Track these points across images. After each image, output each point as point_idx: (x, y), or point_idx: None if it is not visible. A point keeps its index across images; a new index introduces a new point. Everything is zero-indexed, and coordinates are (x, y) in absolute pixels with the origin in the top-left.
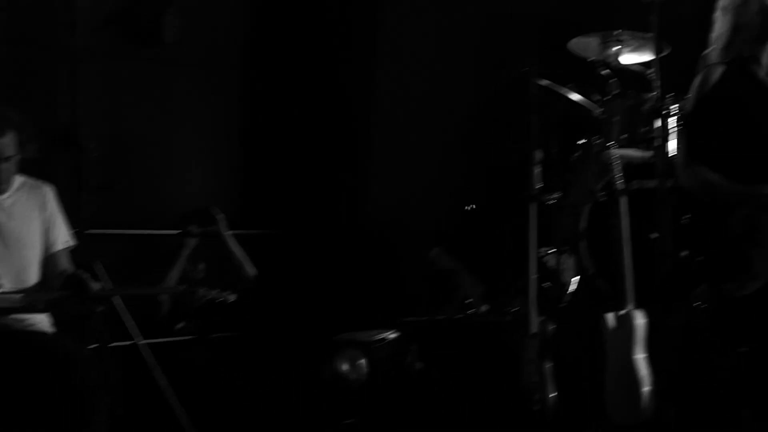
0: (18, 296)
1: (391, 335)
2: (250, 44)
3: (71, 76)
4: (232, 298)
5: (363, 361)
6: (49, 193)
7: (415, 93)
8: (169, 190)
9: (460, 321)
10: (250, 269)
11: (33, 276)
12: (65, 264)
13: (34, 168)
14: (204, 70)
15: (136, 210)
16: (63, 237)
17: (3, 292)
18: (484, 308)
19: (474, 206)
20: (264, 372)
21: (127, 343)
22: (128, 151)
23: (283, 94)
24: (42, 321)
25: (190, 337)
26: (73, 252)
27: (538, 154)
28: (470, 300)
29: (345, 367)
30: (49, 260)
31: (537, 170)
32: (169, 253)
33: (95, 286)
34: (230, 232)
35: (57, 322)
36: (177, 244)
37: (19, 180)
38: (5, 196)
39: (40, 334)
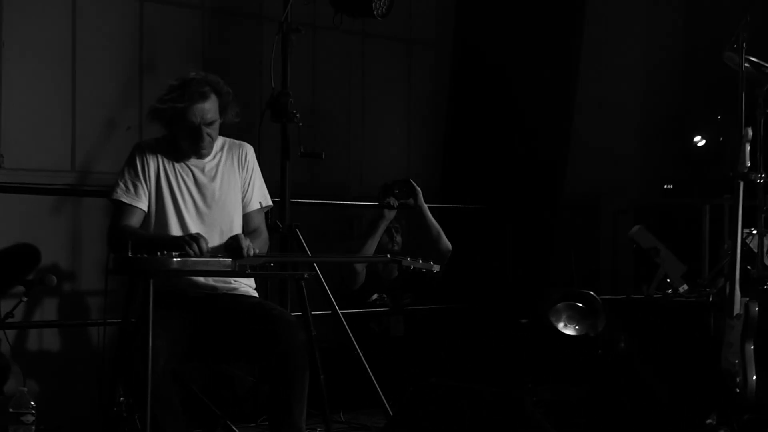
0: (228, 260)
1: None
2: (456, 21)
3: (282, 46)
4: (436, 268)
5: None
6: (249, 152)
7: (618, 68)
8: (369, 162)
9: (659, 300)
10: (446, 243)
11: (237, 232)
12: (258, 223)
13: (244, 136)
14: (407, 45)
15: (336, 180)
16: (259, 197)
17: (213, 256)
18: (684, 288)
19: (671, 186)
20: (458, 344)
21: (325, 312)
22: (330, 122)
23: (485, 71)
24: (247, 285)
25: (384, 309)
26: (276, 217)
27: (748, 132)
28: (670, 279)
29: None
30: (244, 219)
31: (746, 148)
32: (367, 224)
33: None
34: (427, 205)
35: (259, 287)
36: (375, 216)
37: (220, 141)
38: (207, 159)
39: (247, 297)
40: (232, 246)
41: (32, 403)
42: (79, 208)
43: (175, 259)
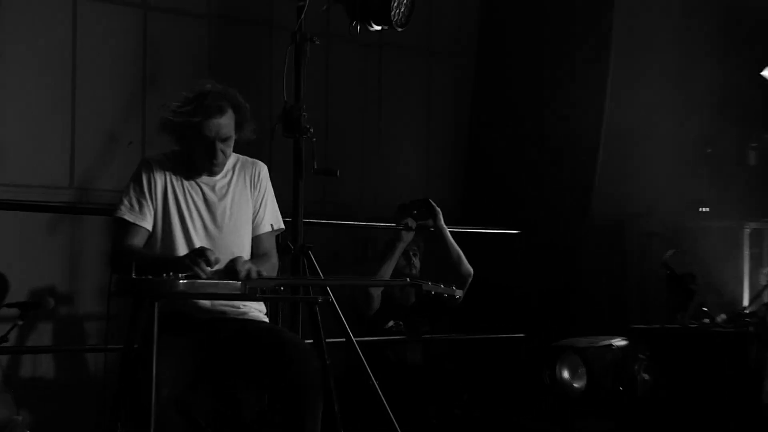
0: (237, 283)
1: (619, 342)
2: (479, 33)
3: (295, 56)
4: (459, 293)
5: (583, 368)
6: (262, 171)
7: (647, 89)
8: (385, 180)
9: (696, 330)
10: (467, 267)
11: (246, 256)
12: (268, 247)
13: (253, 152)
14: (426, 56)
15: (350, 199)
16: (270, 219)
17: (224, 280)
18: (722, 317)
19: (708, 209)
20: (481, 374)
21: (339, 339)
22: (344, 137)
23: (509, 84)
24: (257, 309)
25: (400, 337)
26: (287, 238)
27: None
28: (707, 308)
29: (565, 373)
30: (253, 241)
31: None
32: (383, 246)
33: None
34: (448, 227)
35: (269, 312)
36: (392, 237)
37: (232, 158)
38: (218, 177)
39: (257, 323)
40: (230, 269)
41: None
42: (77, 227)
43: (181, 281)
